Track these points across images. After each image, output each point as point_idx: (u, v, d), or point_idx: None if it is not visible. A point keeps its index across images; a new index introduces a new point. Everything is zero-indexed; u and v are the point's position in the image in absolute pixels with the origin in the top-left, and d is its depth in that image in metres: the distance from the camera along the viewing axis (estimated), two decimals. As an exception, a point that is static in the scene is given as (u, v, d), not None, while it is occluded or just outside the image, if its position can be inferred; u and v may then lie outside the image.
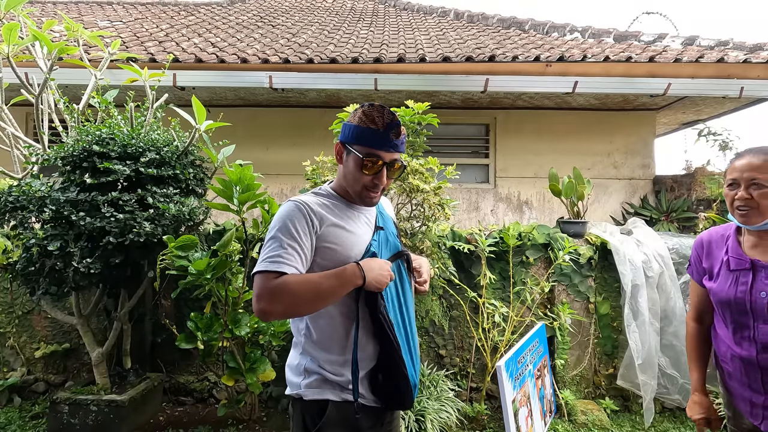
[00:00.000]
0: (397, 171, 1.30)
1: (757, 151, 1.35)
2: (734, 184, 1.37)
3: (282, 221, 1.20)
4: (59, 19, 6.37)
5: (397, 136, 1.25)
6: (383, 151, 1.24)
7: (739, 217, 1.36)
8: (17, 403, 3.14)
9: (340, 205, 1.32)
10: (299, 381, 1.26)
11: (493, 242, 3.14)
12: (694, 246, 1.56)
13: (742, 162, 1.36)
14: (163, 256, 2.52)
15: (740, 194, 1.33)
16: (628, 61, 4.49)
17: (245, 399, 2.80)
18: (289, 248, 1.17)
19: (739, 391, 1.43)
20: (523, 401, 2.06)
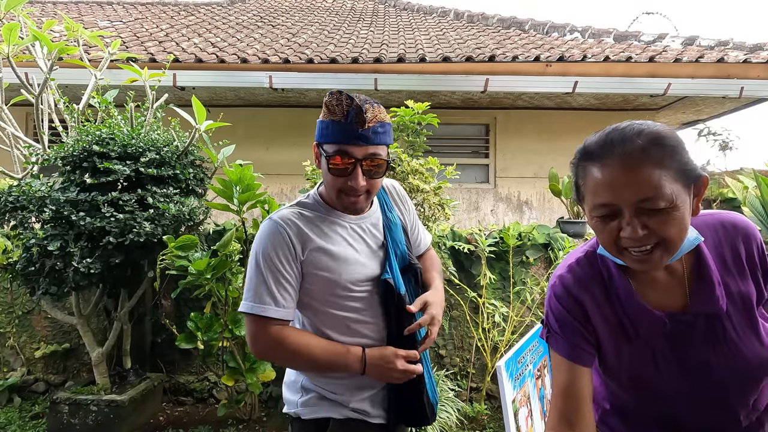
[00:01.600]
0: (378, 168, 1.06)
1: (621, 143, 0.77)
2: (612, 215, 0.78)
3: (264, 251, 1.08)
4: (59, 19, 6.37)
5: (363, 125, 1.01)
6: (351, 146, 1.02)
7: (638, 264, 0.79)
8: (17, 403, 3.14)
9: (327, 218, 1.14)
10: (296, 399, 1.18)
11: (493, 242, 3.14)
12: (551, 295, 0.94)
13: (610, 171, 0.77)
14: (163, 256, 2.52)
15: (628, 231, 0.75)
16: (628, 61, 4.49)
17: (245, 399, 2.80)
18: (274, 285, 1.06)
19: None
20: (523, 401, 2.06)
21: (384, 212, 1.22)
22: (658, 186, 0.73)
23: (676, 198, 0.74)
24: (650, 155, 0.74)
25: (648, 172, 0.73)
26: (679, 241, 0.77)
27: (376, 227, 1.19)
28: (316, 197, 1.18)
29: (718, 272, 0.83)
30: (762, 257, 0.85)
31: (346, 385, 1.14)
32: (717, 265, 0.84)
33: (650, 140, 0.75)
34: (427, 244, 1.39)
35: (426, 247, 1.39)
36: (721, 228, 0.86)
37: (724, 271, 0.84)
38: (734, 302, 0.83)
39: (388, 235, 1.19)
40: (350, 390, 1.14)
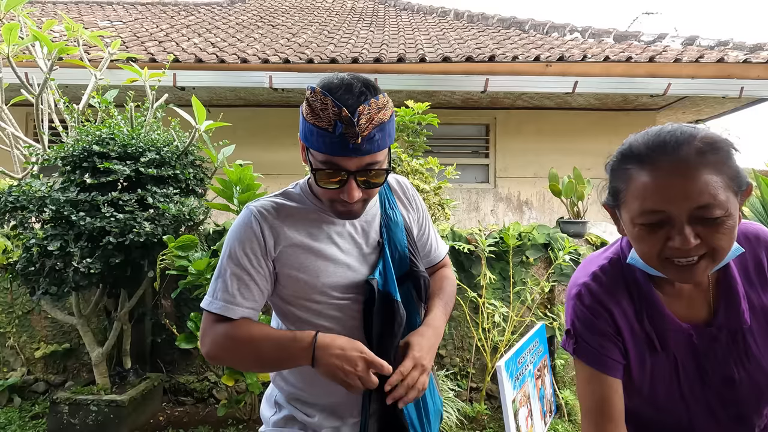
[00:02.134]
0: (376, 178, 0.90)
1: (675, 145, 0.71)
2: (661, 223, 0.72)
3: (231, 243, 0.96)
4: (59, 19, 6.37)
5: (355, 138, 0.82)
6: (342, 158, 0.85)
7: (681, 276, 0.75)
8: (17, 403, 3.14)
9: (312, 212, 0.99)
10: (269, 415, 1.07)
11: (493, 242, 3.14)
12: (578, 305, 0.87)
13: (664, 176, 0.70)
14: (163, 256, 2.52)
15: (680, 241, 0.70)
16: (628, 61, 4.49)
17: (245, 399, 2.80)
18: (236, 282, 0.94)
19: None
20: (523, 401, 2.06)
21: (384, 209, 1.04)
22: (715, 193, 0.67)
23: (730, 206, 0.69)
24: (708, 160, 0.69)
25: (706, 178, 0.68)
26: (728, 251, 0.73)
27: (370, 225, 1.02)
28: (305, 188, 1.03)
29: (741, 284, 0.81)
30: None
31: (321, 407, 1.01)
32: (741, 276, 0.81)
33: (707, 144, 0.70)
34: (440, 255, 1.20)
35: (438, 258, 1.20)
36: (744, 239, 0.82)
37: (747, 283, 0.81)
38: (756, 316, 0.80)
39: (385, 234, 1.02)
40: (324, 414, 1.00)
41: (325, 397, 1.00)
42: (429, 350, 0.94)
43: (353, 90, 0.84)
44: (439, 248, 1.21)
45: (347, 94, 0.83)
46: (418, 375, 0.90)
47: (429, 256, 1.18)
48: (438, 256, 1.20)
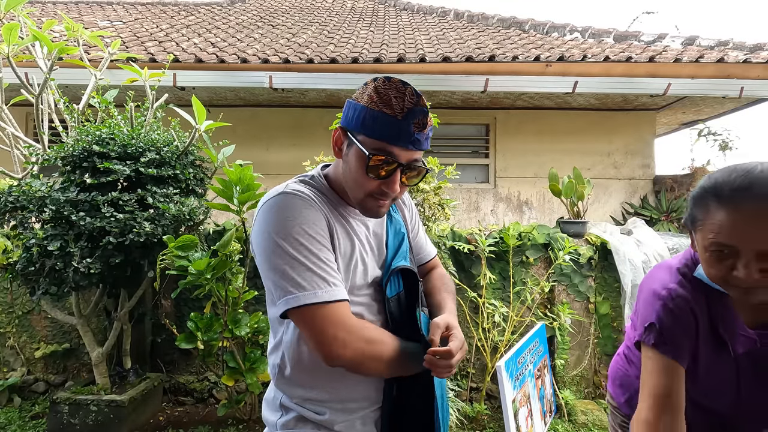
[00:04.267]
0: (415, 176, 0.92)
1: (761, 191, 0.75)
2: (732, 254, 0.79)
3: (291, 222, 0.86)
4: (59, 19, 6.37)
5: (421, 128, 0.87)
6: (399, 148, 0.86)
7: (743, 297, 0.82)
8: (17, 403, 3.14)
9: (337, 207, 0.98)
10: (275, 419, 1.02)
11: (493, 242, 3.14)
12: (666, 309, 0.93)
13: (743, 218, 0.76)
14: (163, 256, 2.52)
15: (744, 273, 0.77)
16: (628, 61, 4.49)
17: (245, 399, 2.80)
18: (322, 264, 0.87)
19: None
20: (523, 401, 2.06)
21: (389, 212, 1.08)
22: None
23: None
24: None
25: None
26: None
27: (380, 226, 1.05)
28: (322, 180, 1.00)
29: None
30: None
31: (333, 404, 0.99)
32: None
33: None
34: (429, 254, 1.23)
35: (429, 257, 1.23)
36: None
37: None
38: None
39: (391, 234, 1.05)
40: (336, 411, 0.98)
41: (336, 393, 0.98)
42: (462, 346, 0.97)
43: (416, 91, 0.90)
44: (428, 247, 1.24)
45: (414, 92, 0.89)
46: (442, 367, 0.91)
47: (419, 254, 1.21)
48: (428, 255, 1.23)
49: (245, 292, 2.66)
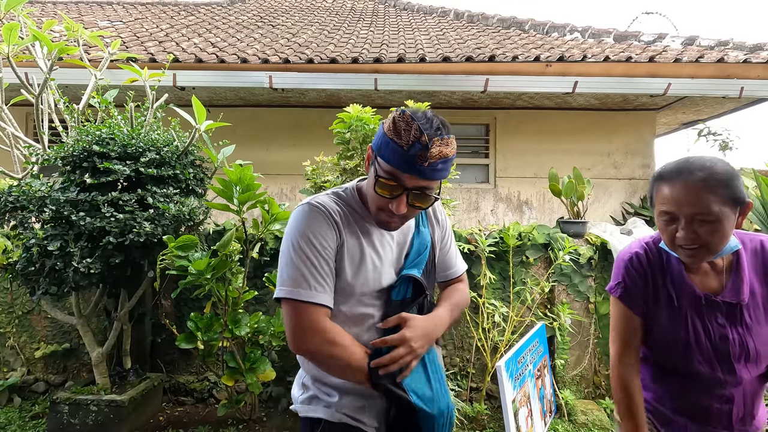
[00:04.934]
0: (421, 201, 1.02)
1: (688, 172, 1.03)
2: (671, 220, 1.07)
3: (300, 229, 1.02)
4: (59, 19, 6.38)
5: (424, 161, 0.95)
6: (406, 175, 0.97)
7: (687, 258, 1.10)
8: (17, 403, 3.14)
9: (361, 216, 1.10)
10: (297, 395, 1.17)
11: (493, 242, 3.14)
12: (628, 265, 1.23)
13: (675, 192, 1.05)
14: (163, 256, 2.52)
15: (682, 234, 1.04)
16: (628, 61, 4.49)
17: (245, 399, 2.80)
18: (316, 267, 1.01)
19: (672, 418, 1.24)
20: (523, 401, 2.06)
21: (417, 225, 1.18)
22: (708, 206, 1.01)
23: (722, 215, 1.01)
24: (707, 185, 1.01)
25: (702, 195, 1.01)
26: (720, 246, 1.05)
27: (405, 237, 1.16)
28: (354, 193, 1.14)
29: (749, 274, 1.12)
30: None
31: (340, 388, 1.10)
32: (750, 270, 1.13)
33: (708, 173, 1.02)
34: (457, 272, 1.29)
35: (455, 275, 1.29)
36: (761, 246, 1.15)
37: (754, 276, 1.13)
38: (755, 299, 1.12)
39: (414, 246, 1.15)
40: (348, 396, 1.09)
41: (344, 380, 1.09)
42: (423, 334, 1.05)
43: (433, 124, 0.98)
44: (458, 265, 1.30)
45: (428, 125, 0.97)
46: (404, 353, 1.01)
47: (446, 271, 1.27)
48: (455, 273, 1.28)
49: (245, 292, 2.66)
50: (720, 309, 1.13)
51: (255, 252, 2.76)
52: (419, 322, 1.06)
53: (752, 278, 1.13)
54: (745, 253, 1.14)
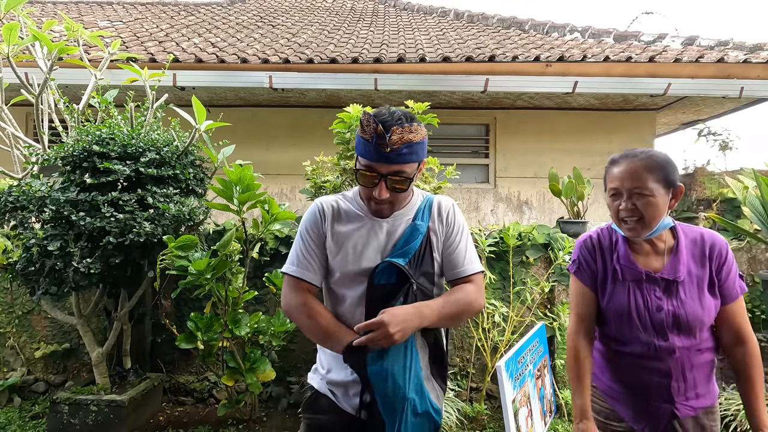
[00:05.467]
0: (400, 184, 1.17)
1: (632, 155, 1.27)
2: (616, 194, 1.29)
3: (301, 224, 1.30)
4: (59, 19, 6.37)
5: (385, 148, 1.10)
6: (376, 163, 1.14)
7: (627, 231, 1.30)
8: (17, 403, 3.14)
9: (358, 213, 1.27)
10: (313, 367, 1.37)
11: (493, 242, 3.14)
12: (582, 245, 1.44)
13: (620, 169, 1.27)
14: (163, 256, 2.52)
15: (624, 205, 1.25)
16: (628, 61, 4.49)
17: (245, 399, 2.80)
18: (304, 251, 1.26)
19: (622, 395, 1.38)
20: (523, 401, 2.05)
21: (414, 218, 1.27)
22: (645, 182, 1.24)
23: (656, 192, 1.24)
24: (645, 164, 1.25)
25: (641, 173, 1.25)
26: (654, 221, 1.26)
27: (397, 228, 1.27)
28: (356, 193, 1.32)
29: (686, 257, 1.31)
30: (717, 261, 1.30)
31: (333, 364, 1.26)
32: (688, 253, 1.32)
33: (647, 156, 1.27)
34: (463, 272, 1.28)
35: (461, 275, 1.29)
36: (700, 236, 1.34)
37: (691, 258, 1.31)
38: (690, 277, 1.29)
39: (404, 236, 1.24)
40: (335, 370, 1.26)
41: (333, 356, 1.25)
42: (402, 321, 1.10)
43: (394, 116, 1.13)
44: (466, 266, 1.29)
45: (389, 118, 1.12)
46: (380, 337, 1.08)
47: (453, 270, 1.30)
48: (461, 273, 1.29)
49: (245, 292, 2.66)
50: (658, 284, 1.30)
51: (255, 252, 2.76)
52: (399, 311, 1.12)
53: (689, 261, 1.30)
54: (685, 240, 1.32)
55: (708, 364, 1.30)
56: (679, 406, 1.28)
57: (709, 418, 1.31)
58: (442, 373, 1.29)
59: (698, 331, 1.27)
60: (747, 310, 1.43)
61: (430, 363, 1.25)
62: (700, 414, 1.29)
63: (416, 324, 1.13)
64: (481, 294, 1.29)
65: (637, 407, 1.34)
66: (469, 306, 1.23)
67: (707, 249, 1.31)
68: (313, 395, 1.30)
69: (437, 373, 1.27)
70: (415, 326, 1.13)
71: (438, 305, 1.19)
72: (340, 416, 1.24)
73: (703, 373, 1.29)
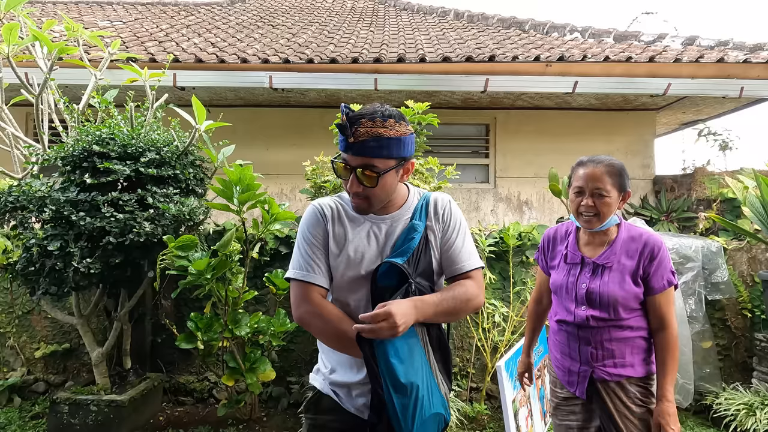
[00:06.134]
0: (368, 179, 1.14)
1: (598, 161, 1.53)
2: (580, 192, 1.55)
3: (301, 228, 1.28)
4: (59, 19, 6.37)
5: (347, 137, 1.11)
6: (345, 154, 1.15)
7: (584, 223, 1.57)
8: (17, 403, 3.14)
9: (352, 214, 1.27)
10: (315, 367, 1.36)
11: (493, 242, 3.14)
12: (543, 238, 1.79)
13: (586, 171, 1.53)
14: (163, 256, 2.52)
15: (585, 202, 1.52)
16: (628, 61, 4.49)
17: (245, 399, 2.80)
18: (310, 254, 1.23)
19: (561, 362, 1.67)
20: (523, 401, 2.06)
21: (411, 217, 1.26)
22: (605, 184, 1.52)
23: (611, 194, 1.52)
24: (606, 170, 1.53)
25: (603, 176, 1.52)
26: (606, 217, 1.54)
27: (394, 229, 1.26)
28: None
29: (620, 249, 1.56)
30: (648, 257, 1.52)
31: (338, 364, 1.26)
32: (623, 246, 1.57)
33: (609, 164, 1.54)
34: (461, 269, 1.28)
35: (459, 272, 1.28)
36: (639, 235, 1.57)
37: (624, 251, 1.56)
38: (620, 265, 1.55)
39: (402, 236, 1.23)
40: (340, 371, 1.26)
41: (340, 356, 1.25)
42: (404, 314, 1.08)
43: (371, 111, 1.14)
44: (463, 262, 1.28)
45: (365, 111, 1.13)
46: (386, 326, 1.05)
47: (451, 267, 1.29)
48: (459, 269, 1.28)
49: (245, 292, 2.66)
50: (590, 266, 1.59)
51: (255, 252, 2.76)
52: (402, 303, 1.11)
53: (621, 253, 1.56)
54: (625, 236, 1.58)
55: (629, 340, 1.54)
56: (597, 370, 1.55)
57: (633, 387, 1.53)
58: (447, 369, 1.28)
59: (612, 308, 1.52)
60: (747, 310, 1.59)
61: (437, 361, 1.24)
62: (622, 381, 1.53)
63: (415, 317, 1.12)
64: (481, 290, 1.28)
65: (570, 371, 1.63)
66: (467, 302, 1.22)
67: (641, 246, 1.54)
68: (316, 395, 1.30)
69: (443, 370, 1.26)
70: (414, 320, 1.12)
71: (434, 300, 1.18)
72: (344, 416, 1.24)
73: (625, 347, 1.54)
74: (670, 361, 1.49)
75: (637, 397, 1.52)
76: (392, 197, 1.25)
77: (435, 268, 1.26)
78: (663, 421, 1.44)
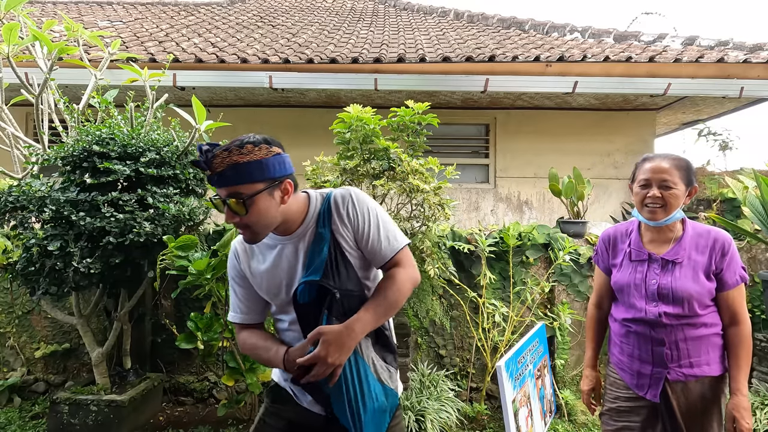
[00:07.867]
0: (237, 206, 1.12)
1: (665, 156, 1.56)
2: (646, 185, 1.54)
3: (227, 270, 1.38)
4: (59, 19, 6.37)
5: (208, 171, 1.11)
6: (215, 188, 1.15)
7: (648, 214, 1.55)
8: (17, 403, 3.14)
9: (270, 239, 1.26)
10: None
11: (493, 242, 3.14)
12: (602, 239, 1.77)
13: (653, 164, 1.54)
14: (163, 256, 2.52)
15: (652, 193, 1.51)
16: (628, 61, 4.49)
17: (245, 399, 2.80)
18: (234, 296, 1.34)
19: (629, 365, 1.63)
20: (523, 401, 2.06)
21: (317, 227, 1.23)
22: (672, 176, 1.51)
23: (678, 186, 1.51)
24: (674, 163, 1.53)
25: (670, 169, 1.51)
26: (672, 209, 1.52)
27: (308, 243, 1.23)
28: None
29: (689, 245, 1.55)
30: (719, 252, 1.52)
31: None
32: (691, 242, 1.56)
33: (677, 158, 1.55)
34: (387, 255, 1.22)
35: (386, 258, 1.23)
36: (707, 231, 1.57)
37: (693, 247, 1.55)
38: (690, 261, 1.54)
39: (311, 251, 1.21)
40: None
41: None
42: (337, 345, 1.10)
43: (228, 143, 1.12)
44: (384, 251, 1.23)
45: (222, 145, 1.11)
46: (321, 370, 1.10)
47: (375, 259, 1.25)
48: (384, 259, 1.23)
49: (245, 292, 2.66)
50: (658, 263, 1.56)
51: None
52: (333, 336, 1.11)
53: (691, 249, 1.54)
54: (692, 232, 1.57)
55: (704, 338, 1.51)
56: (671, 371, 1.51)
57: (707, 387, 1.51)
58: (391, 349, 1.31)
59: (686, 304, 1.49)
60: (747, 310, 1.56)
61: (373, 344, 1.26)
62: (695, 382, 1.51)
63: (354, 339, 1.13)
64: (412, 267, 1.25)
65: (640, 374, 1.58)
66: (401, 292, 1.20)
67: (711, 242, 1.53)
68: (275, 384, 1.40)
69: (385, 352, 1.29)
70: (354, 341, 1.13)
71: (368, 314, 1.16)
72: (297, 409, 1.32)
73: (701, 345, 1.51)
74: (745, 356, 1.49)
75: (710, 397, 1.51)
76: (289, 216, 1.19)
77: (359, 268, 1.24)
78: (738, 414, 1.44)
